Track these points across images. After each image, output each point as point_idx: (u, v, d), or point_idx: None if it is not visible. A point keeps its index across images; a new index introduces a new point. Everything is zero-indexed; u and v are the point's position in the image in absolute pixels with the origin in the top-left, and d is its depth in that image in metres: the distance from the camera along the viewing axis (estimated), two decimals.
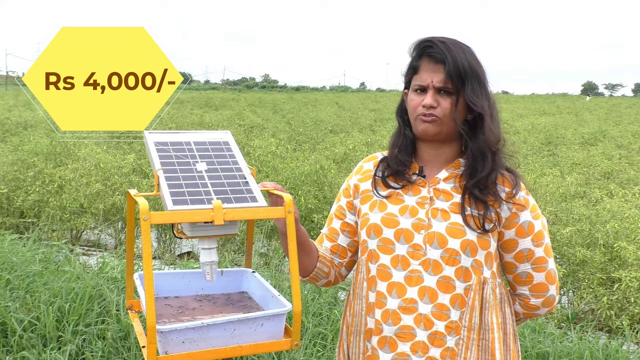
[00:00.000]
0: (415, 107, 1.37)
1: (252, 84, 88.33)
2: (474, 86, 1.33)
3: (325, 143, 10.24)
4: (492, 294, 1.36)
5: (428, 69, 1.35)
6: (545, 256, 1.41)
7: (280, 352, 2.97)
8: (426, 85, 1.35)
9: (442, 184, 1.39)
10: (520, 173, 1.43)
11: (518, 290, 1.45)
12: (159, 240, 5.54)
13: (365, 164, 1.52)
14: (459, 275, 1.33)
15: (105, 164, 6.02)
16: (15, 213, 5.63)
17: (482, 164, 1.35)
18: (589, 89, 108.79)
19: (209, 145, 1.32)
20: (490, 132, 1.35)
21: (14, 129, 11.08)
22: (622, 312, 3.74)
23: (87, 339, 2.96)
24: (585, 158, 9.11)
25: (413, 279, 1.34)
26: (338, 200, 1.53)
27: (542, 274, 1.41)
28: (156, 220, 1.08)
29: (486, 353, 1.35)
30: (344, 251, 1.50)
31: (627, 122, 18.60)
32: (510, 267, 1.43)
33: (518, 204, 1.38)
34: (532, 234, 1.39)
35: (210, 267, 1.21)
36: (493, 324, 1.36)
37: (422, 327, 1.32)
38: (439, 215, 1.36)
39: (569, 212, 5.02)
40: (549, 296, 1.43)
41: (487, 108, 1.35)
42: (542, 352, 3.05)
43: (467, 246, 1.33)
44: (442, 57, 1.33)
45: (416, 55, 1.39)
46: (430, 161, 1.42)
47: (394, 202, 1.40)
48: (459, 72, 1.32)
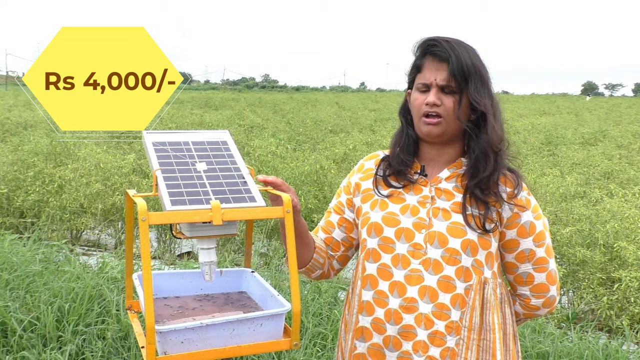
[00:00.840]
0: (419, 105, 1.38)
1: (252, 84, 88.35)
2: (477, 85, 1.34)
3: (325, 143, 10.24)
4: (492, 294, 1.36)
5: (432, 68, 1.36)
6: (547, 257, 1.41)
7: (280, 352, 2.97)
8: (430, 83, 1.36)
9: (443, 183, 1.39)
10: (522, 173, 1.43)
11: (519, 290, 1.45)
12: (159, 241, 5.54)
13: (366, 163, 1.52)
14: (459, 275, 1.33)
15: (105, 164, 6.02)
16: (15, 213, 5.63)
17: (484, 164, 1.35)
18: (589, 89, 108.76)
19: (207, 145, 1.31)
20: (493, 132, 1.35)
21: (14, 129, 11.08)
22: (622, 312, 3.74)
23: (87, 339, 2.96)
24: (585, 158, 9.11)
25: (413, 278, 1.34)
26: (338, 196, 1.53)
27: (543, 275, 1.42)
28: (155, 220, 1.08)
29: (486, 353, 1.35)
30: (336, 244, 1.51)
31: (627, 122, 18.59)
32: (511, 268, 1.43)
33: (520, 204, 1.38)
34: (534, 235, 1.39)
35: (210, 267, 1.21)
36: (494, 324, 1.36)
37: (423, 326, 1.32)
38: (439, 214, 1.36)
39: (569, 212, 5.01)
40: (550, 297, 1.44)
41: (490, 107, 1.36)
42: (542, 352, 3.05)
43: (468, 246, 1.33)
44: (445, 55, 1.33)
45: (420, 54, 1.40)
46: (432, 161, 1.43)
47: (395, 201, 1.41)
48: (462, 71, 1.32)
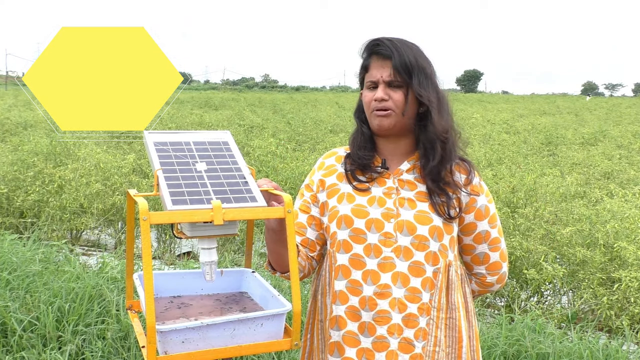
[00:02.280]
0: (368, 102, 1.46)
1: (252, 84, 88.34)
2: (420, 80, 1.42)
3: (325, 143, 10.25)
4: (455, 275, 1.47)
5: (377, 66, 1.45)
6: (499, 236, 1.54)
7: (280, 352, 2.97)
8: (376, 80, 1.44)
9: (405, 175, 1.48)
10: (473, 161, 1.56)
11: (475, 269, 1.56)
12: (159, 240, 5.54)
13: (326, 160, 1.59)
14: (428, 259, 1.41)
15: (105, 164, 6.02)
16: (15, 213, 5.62)
17: (432, 153, 1.44)
18: (589, 89, 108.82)
19: (209, 145, 1.32)
20: (438, 123, 1.43)
21: (14, 129, 11.08)
22: (622, 312, 3.74)
23: (87, 339, 2.96)
24: (585, 158, 9.12)
25: (386, 265, 1.41)
26: (301, 196, 1.57)
27: (497, 253, 1.54)
28: (155, 220, 1.08)
29: (453, 330, 1.45)
30: (313, 244, 1.53)
31: (627, 122, 18.60)
32: (469, 249, 1.54)
33: (475, 190, 1.49)
34: (488, 217, 1.51)
35: (210, 267, 1.21)
36: (458, 303, 1.46)
37: (397, 310, 1.40)
38: (406, 204, 1.44)
39: (569, 212, 5.01)
40: (502, 273, 1.57)
41: (434, 100, 1.43)
42: (542, 352, 3.05)
43: (435, 232, 1.42)
44: (388, 53, 1.42)
45: (366, 54, 1.48)
46: (390, 154, 1.51)
47: (361, 194, 1.47)
48: (405, 66, 1.40)
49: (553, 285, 4.28)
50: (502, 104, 31.95)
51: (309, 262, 1.54)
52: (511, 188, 5.42)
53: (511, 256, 4.10)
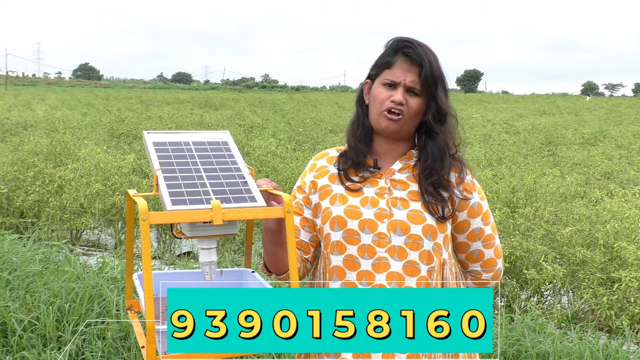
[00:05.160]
0: (383, 100, 1.44)
1: (252, 84, 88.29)
2: (441, 91, 1.43)
3: (325, 143, 10.25)
4: (450, 273, 1.47)
5: (403, 68, 1.43)
6: (493, 233, 1.54)
7: (280, 353, 2.96)
8: (398, 82, 1.42)
9: (397, 175, 1.48)
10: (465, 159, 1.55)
11: (470, 267, 1.56)
12: (159, 240, 5.54)
13: (318, 162, 1.58)
14: (422, 258, 1.42)
15: (105, 164, 6.02)
16: (15, 213, 5.62)
17: (440, 164, 1.45)
18: (589, 89, 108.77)
19: (208, 145, 1.32)
20: (452, 135, 1.47)
21: (14, 129, 11.08)
22: (622, 312, 3.74)
23: (87, 339, 2.96)
24: (586, 158, 9.11)
25: (380, 266, 1.41)
26: (294, 198, 1.56)
27: (491, 250, 1.54)
28: (155, 220, 1.08)
29: None
30: (307, 247, 1.53)
31: (627, 122, 18.59)
32: (463, 247, 1.54)
33: (467, 188, 1.49)
34: (481, 214, 1.51)
35: (210, 267, 1.21)
36: None
37: None
38: (398, 203, 1.44)
39: (569, 212, 5.01)
40: (498, 270, 1.56)
41: (453, 112, 1.46)
42: (542, 352, 3.05)
43: (428, 231, 1.42)
44: (418, 59, 1.41)
45: (392, 51, 1.46)
46: (383, 154, 1.51)
47: (354, 194, 1.47)
48: (433, 77, 1.40)
49: (553, 285, 4.27)
50: (502, 104, 31.93)
51: (304, 264, 1.53)
52: (511, 188, 5.42)
53: (511, 256, 4.10)
